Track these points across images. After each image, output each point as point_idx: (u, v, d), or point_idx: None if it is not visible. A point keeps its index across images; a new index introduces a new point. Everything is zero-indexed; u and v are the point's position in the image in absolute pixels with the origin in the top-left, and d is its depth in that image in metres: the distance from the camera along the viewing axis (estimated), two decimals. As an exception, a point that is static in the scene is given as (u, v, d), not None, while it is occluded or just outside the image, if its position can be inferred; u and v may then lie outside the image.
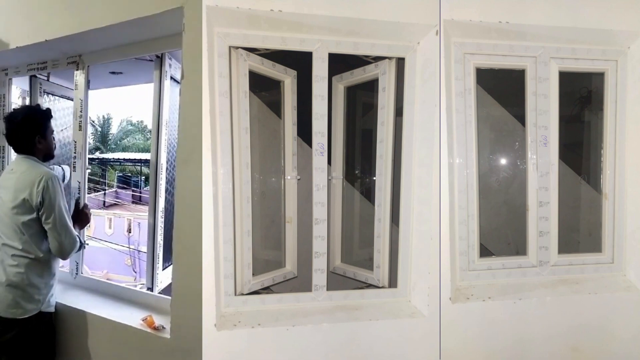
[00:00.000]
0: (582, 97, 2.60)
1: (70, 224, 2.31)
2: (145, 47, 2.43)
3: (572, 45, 2.24)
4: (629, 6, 2.17)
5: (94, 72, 2.78)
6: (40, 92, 3.10)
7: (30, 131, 2.35)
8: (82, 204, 2.68)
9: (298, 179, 2.39)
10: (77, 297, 2.56)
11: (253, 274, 2.15)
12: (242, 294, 2.09)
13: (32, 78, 3.07)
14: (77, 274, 2.74)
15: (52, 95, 3.23)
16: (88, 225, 2.72)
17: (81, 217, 2.62)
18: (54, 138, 2.49)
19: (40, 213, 2.22)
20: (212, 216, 1.90)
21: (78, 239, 2.35)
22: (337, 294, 2.15)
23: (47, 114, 2.46)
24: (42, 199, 2.20)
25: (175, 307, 2.02)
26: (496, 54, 2.20)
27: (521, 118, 2.33)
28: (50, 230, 2.23)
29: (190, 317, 1.91)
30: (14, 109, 2.67)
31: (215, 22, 1.93)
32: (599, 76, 2.36)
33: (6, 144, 3.12)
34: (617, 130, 2.31)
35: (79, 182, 2.69)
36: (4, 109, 3.15)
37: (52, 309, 2.34)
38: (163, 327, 2.12)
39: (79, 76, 2.69)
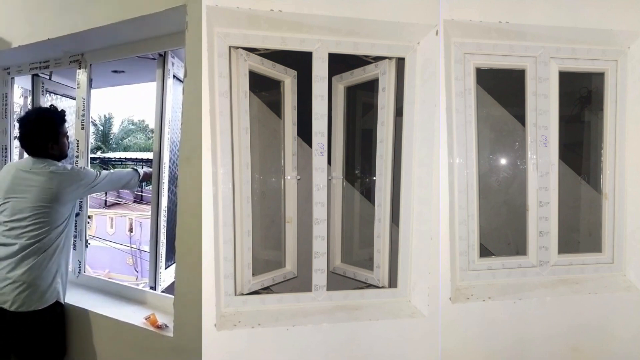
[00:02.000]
0: (582, 97, 2.60)
1: (112, 174, 2.53)
2: (148, 46, 2.44)
3: (572, 45, 2.24)
4: (629, 6, 2.16)
5: (96, 71, 2.79)
6: (43, 91, 3.11)
7: (43, 138, 2.36)
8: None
9: (298, 179, 2.39)
10: (80, 295, 2.58)
11: (253, 274, 2.15)
12: (242, 294, 2.10)
13: (35, 77, 3.07)
14: (79, 272, 2.75)
15: (54, 94, 3.24)
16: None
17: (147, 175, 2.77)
18: (68, 137, 2.50)
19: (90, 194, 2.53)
20: (212, 216, 1.90)
21: (136, 172, 2.63)
22: (337, 294, 2.15)
23: (60, 118, 2.45)
24: (83, 191, 2.40)
25: (179, 306, 2.02)
26: (496, 54, 2.20)
27: (521, 118, 2.33)
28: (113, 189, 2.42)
29: (194, 316, 1.91)
30: (27, 112, 2.70)
31: (215, 22, 1.94)
32: (599, 76, 2.35)
33: (8, 144, 3.15)
34: (617, 130, 2.30)
35: None
36: (5, 108, 3.16)
37: (63, 300, 2.37)
38: (166, 326, 2.13)
39: (81, 75, 2.70)
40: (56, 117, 2.45)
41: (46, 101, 3.15)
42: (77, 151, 2.71)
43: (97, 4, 2.29)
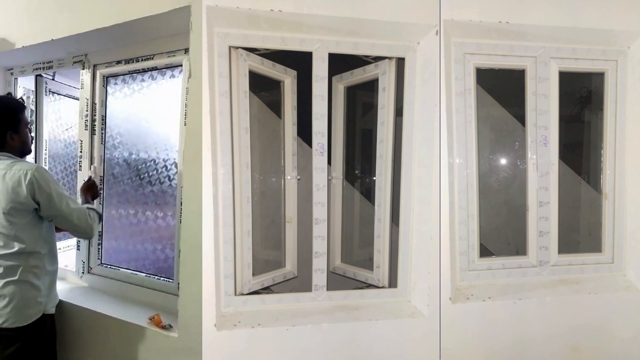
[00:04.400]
0: (582, 97, 2.60)
1: (74, 205, 2.15)
2: (151, 47, 2.43)
3: (572, 45, 2.24)
4: (629, 6, 2.16)
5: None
6: (46, 92, 3.11)
7: (1, 125, 2.14)
8: (92, 177, 2.60)
9: (298, 179, 2.39)
10: (83, 295, 2.56)
11: (253, 274, 2.15)
12: (242, 294, 2.10)
13: (38, 77, 3.07)
14: (83, 272, 2.74)
15: (57, 94, 3.24)
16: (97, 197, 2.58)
17: (90, 188, 2.51)
18: (30, 130, 2.30)
19: (38, 213, 2.08)
20: (212, 216, 1.90)
21: (93, 211, 2.24)
22: (337, 294, 2.15)
23: (19, 106, 2.25)
24: (35, 198, 2.04)
25: (183, 306, 2.01)
26: (496, 54, 2.20)
27: (521, 118, 2.33)
28: (58, 223, 2.14)
29: (198, 316, 1.91)
30: None
31: (215, 22, 1.94)
32: (599, 76, 2.36)
33: None
34: (617, 130, 2.31)
35: (84, 181, 2.69)
36: None
37: (53, 310, 2.27)
38: (170, 326, 2.12)
39: (85, 75, 2.70)
40: (15, 102, 2.25)
41: (49, 102, 3.15)
42: (81, 151, 2.71)
43: (101, 4, 2.29)
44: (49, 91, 3.14)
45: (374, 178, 2.33)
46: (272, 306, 2.08)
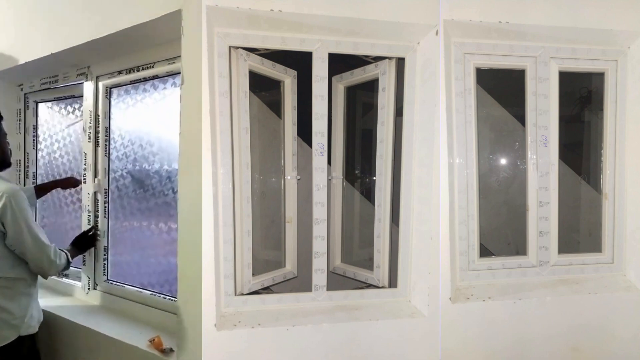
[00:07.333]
0: (582, 97, 2.60)
1: (45, 240, 2.12)
2: (151, 55, 2.42)
3: (572, 45, 2.24)
4: (629, 6, 2.16)
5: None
6: (27, 105, 3.13)
7: None
8: (92, 231, 2.59)
9: (298, 179, 2.39)
10: (86, 313, 2.51)
11: (253, 274, 2.15)
12: (242, 294, 2.09)
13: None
14: (89, 289, 2.71)
15: (61, 99, 3.22)
16: (89, 249, 2.61)
17: (84, 241, 2.52)
18: (8, 143, 2.28)
19: (5, 238, 2.02)
20: (212, 216, 1.90)
21: (64, 257, 2.21)
22: (337, 294, 2.15)
23: None
24: (3, 224, 2.00)
25: (184, 310, 1.97)
26: (496, 54, 2.20)
27: (521, 118, 2.33)
28: (22, 254, 2.07)
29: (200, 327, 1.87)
30: None
31: (215, 22, 1.93)
32: (599, 76, 2.35)
33: (22, 158, 3.09)
34: (617, 130, 2.30)
35: (89, 194, 2.69)
36: (19, 124, 3.17)
37: (34, 330, 2.21)
38: (171, 350, 2.04)
39: (88, 87, 2.70)
40: None
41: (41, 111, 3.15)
42: (85, 164, 2.72)
43: (95, 15, 2.28)
44: (34, 102, 3.14)
45: (374, 178, 2.33)
46: (272, 306, 2.07)
